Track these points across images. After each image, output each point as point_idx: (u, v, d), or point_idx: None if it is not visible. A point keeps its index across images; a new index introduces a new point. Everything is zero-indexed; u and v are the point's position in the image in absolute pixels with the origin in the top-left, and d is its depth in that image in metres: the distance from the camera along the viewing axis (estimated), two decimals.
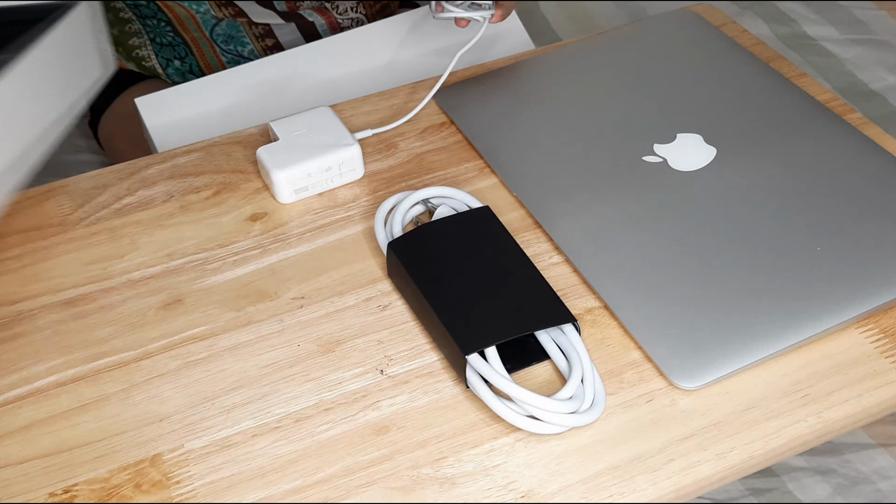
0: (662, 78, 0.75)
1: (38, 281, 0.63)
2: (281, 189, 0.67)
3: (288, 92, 0.86)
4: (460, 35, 0.89)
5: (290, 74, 0.86)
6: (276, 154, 0.67)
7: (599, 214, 0.64)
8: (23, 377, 0.57)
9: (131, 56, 0.96)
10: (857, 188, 0.64)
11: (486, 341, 0.54)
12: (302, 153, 0.67)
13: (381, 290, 0.62)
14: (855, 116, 0.73)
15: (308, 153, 0.67)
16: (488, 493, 0.51)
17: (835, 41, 1.49)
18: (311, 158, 0.67)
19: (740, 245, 0.60)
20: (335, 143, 0.68)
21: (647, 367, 0.56)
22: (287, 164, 0.67)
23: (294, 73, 0.86)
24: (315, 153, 0.67)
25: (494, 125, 0.72)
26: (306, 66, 0.87)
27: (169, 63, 0.94)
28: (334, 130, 0.69)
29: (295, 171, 0.67)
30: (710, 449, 0.52)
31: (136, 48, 0.94)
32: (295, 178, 0.67)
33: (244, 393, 0.56)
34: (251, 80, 0.85)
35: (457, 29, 0.90)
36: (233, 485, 0.51)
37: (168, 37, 0.93)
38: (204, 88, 0.84)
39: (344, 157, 0.68)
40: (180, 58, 0.94)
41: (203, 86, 0.84)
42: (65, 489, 0.52)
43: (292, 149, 0.68)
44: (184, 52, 0.94)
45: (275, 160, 0.67)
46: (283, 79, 0.86)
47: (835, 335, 0.57)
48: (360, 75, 0.87)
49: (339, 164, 0.68)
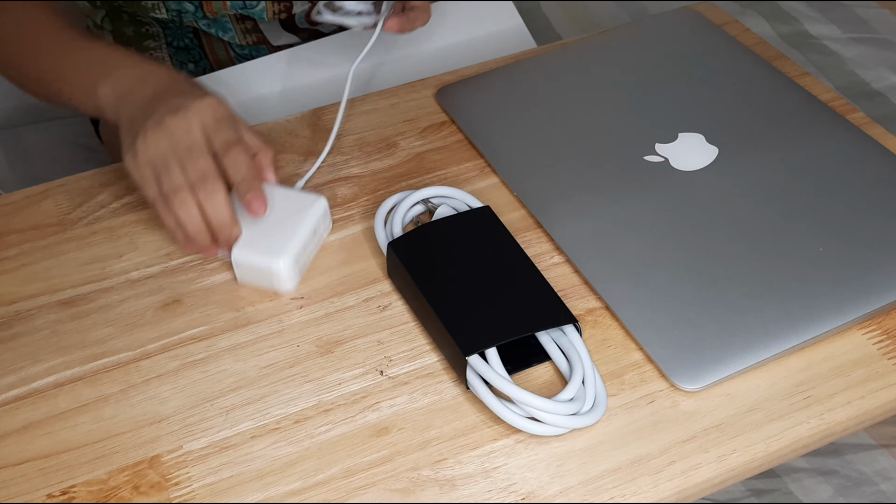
0: (664, 77, 0.75)
1: (37, 281, 0.63)
2: (285, 276, 0.60)
3: (287, 91, 0.86)
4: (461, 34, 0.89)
5: (290, 74, 0.86)
6: (255, 245, 0.60)
7: (601, 214, 0.63)
8: (21, 378, 0.57)
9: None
10: (860, 188, 0.64)
11: (486, 342, 0.53)
12: (279, 230, 0.60)
13: (381, 290, 0.61)
14: (857, 116, 0.73)
15: (285, 227, 0.61)
16: (489, 495, 0.50)
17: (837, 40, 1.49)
18: (293, 230, 0.60)
19: (742, 245, 0.60)
20: (298, 206, 0.62)
21: (649, 368, 0.56)
22: (277, 248, 0.60)
23: (293, 73, 0.86)
24: (292, 224, 0.61)
25: (495, 124, 0.72)
26: (305, 66, 0.87)
27: (183, 66, 0.94)
28: (281, 196, 0.62)
29: (292, 250, 0.60)
30: (711, 451, 0.52)
31: (150, 50, 0.94)
32: (296, 257, 0.60)
33: (243, 394, 0.56)
34: (252, 80, 0.85)
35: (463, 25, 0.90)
36: (232, 486, 0.51)
37: (186, 40, 0.93)
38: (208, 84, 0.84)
39: (320, 212, 0.62)
40: (194, 61, 0.94)
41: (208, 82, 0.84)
42: (63, 490, 0.51)
43: (266, 233, 0.60)
44: (198, 55, 0.94)
45: (262, 250, 0.60)
46: (283, 78, 0.86)
47: (837, 336, 0.57)
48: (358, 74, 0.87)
49: (317, 222, 0.62)
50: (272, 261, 0.59)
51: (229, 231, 0.59)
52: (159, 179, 0.58)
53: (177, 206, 0.57)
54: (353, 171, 0.70)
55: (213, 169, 0.58)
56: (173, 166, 0.58)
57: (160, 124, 0.59)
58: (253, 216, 0.59)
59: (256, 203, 0.59)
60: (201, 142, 0.59)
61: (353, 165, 0.71)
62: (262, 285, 0.61)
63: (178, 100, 0.60)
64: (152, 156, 0.58)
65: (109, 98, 0.64)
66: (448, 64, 0.82)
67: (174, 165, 0.58)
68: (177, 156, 0.58)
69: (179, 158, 0.58)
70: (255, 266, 0.60)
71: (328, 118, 0.75)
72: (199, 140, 0.59)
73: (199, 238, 0.59)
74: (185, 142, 0.58)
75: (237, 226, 0.59)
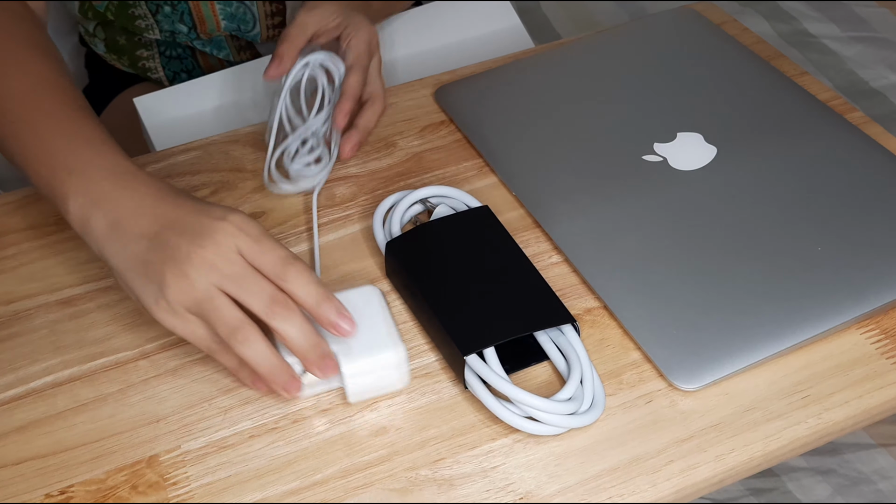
0: (663, 76, 0.75)
1: (35, 280, 0.63)
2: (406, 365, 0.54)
3: None
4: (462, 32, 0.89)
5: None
6: (359, 351, 0.53)
7: (599, 214, 0.63)
8: (19, 377, 0.57)
9: (136, 66, 0.95)
10: (858, 188, 0.64)
11: (484, 342, 0.53)
12: (367, 330, 0.54)
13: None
14: (856, 115, 0.73)
15: (371, 325, 0.54)
16: (487, 494, 0.50)
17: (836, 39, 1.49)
18: (381, 322, 0.55)
19: (740, 245, 0.60)
20: (361, 301, 0.55)
21: (647, 367, 0.56)
22: (385, 342, 0.54)
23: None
24: (370, 318, 0.55)
25: (494, 124, 0.72)
26: None
27: (176, 76, 0.94)
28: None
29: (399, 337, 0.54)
30: (709, 450, 0.52)
31: (143, 59, 0.94)
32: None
33: (241, 393, 0.56)
34: (249, 80, 0.85)
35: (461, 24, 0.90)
36: (230, 486, 0.51)
37: (179, 49, 0.93)
38: (202, 88, 0.84)
39: (384, 298, 0.57)
40: (188, 70, 0.94)
41: (201, 85, 0.84)
42: (61, 490, 0.51)
43: (356, 340, 0.53)
44: (191, 65, 0.94)
45: (371, 351, 0.53)
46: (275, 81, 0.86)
47: (835, 336, 0.57)
48: None
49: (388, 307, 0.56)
50: (391, 354, 0.53)
51: (321, 350, 0.51)
52: (210, 323, 0.50)
53: (240, 346, 0.49)
54: (352, 171, 0.70)
55: (275, 291, 0.50)
56: (222, 305, 0.49)
57: (188, 261, 0.49)
58: (343, 336, 0.52)
59: (345, 321, 0.51)
60: (247, 267, 0.50)
61: (352, 165, 0.71)
62: (379, 394, 0.55)
63: (195, 227, 0.51)
64: (191, 300, 0.49)
65: (90, 224, 0.53)
66: (445, 64, 0.82)
67: (222, 303, 0.49)
68: (223, 291, 0.49)
69: (228, 292, 0.50)
70: (372, 370, 0.53)
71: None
72: (243, 265, 0.50)
73: (275, 374, 0.50)
74: (229, 272, 0.50)
75: (325, 342, 0.51)
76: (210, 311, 0.49)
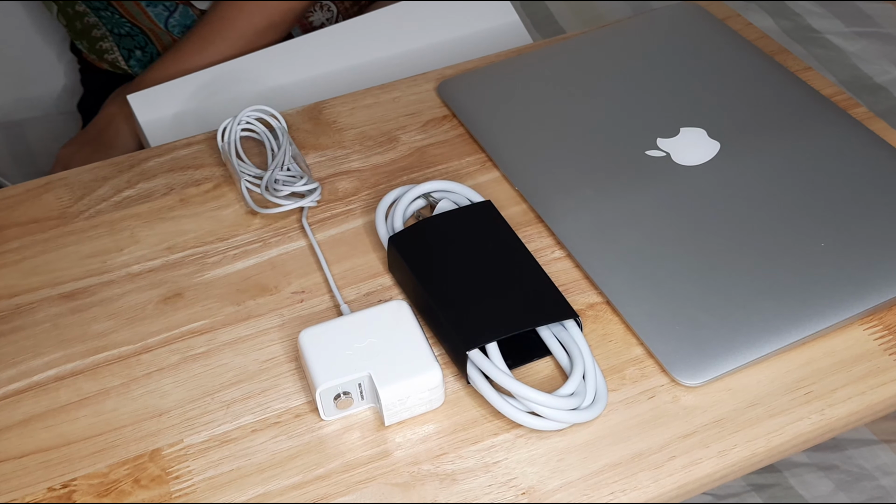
0: (666, 71, 0.74)
1: (37, 274, 0.63)
2: (442, 386, 0.54)
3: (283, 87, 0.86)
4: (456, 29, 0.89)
5: (285, 70, 0.86)
6: (394, 374, 0.52)
7: (602, 209, 0.63)
8: (21, 371, 0.57)
9: (95, 48, 0.95)
10: (862, 183, 0.64)
11: (487, 337, 0.53)
12: (402, 349, 0.54)
13: (381, 284, 0.61)
14: (860, 111, 0.72)
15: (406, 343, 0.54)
16: (489, 489, 0.50)
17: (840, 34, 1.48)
18: (414, 341, 0.54)
19: (743, 240, 0.60)
20: (390, 319, 0.55)
21: (650, 363, 0.56)
22: (421, 363, 0.53)
23: (288, 69, 0.86)
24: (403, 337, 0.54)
25: (496, 118, 0.72)
26: (301, 61, 0.86)
27: (131, 54, 0.94)
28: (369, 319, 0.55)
29: (433, 355, 0.54)
30: (712, 446, 0.52)
31: (98, 40, 0.94)
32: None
33: (244, 388, 0.56)
34: (244, 75, 0.85)
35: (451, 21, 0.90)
36: (232, 480, 0.51)
37: (125, 27, 0.93)
38: (196, 84, 0.84)
39: (413, 314, 0.56)
40: (140, 47, 0.94)
41: (195, 81, 0.84)
42: (63, 484, 0.51)
43: (392, 360, 0.53)
44: (143, 41, 0.94)
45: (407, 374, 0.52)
46: (277, 73, 0.86)
47: (838, 332, 0.57)
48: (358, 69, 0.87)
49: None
50: (428, 377, 0.52)
51: None
52: None
53: None
54: (354, 165, 0.70)
55: None
56: None
57: None
58: None
59: None
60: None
61: (354, 159, 0.71)
62: (414, 414, 0.54)
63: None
64: None
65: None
66: (445, 59, 0.82)
67: None
68: None
69: None
70: (409, 394, 0.52)
71: (328, 112, 0.75)
72: None
73: None
74: None
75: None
76: None
